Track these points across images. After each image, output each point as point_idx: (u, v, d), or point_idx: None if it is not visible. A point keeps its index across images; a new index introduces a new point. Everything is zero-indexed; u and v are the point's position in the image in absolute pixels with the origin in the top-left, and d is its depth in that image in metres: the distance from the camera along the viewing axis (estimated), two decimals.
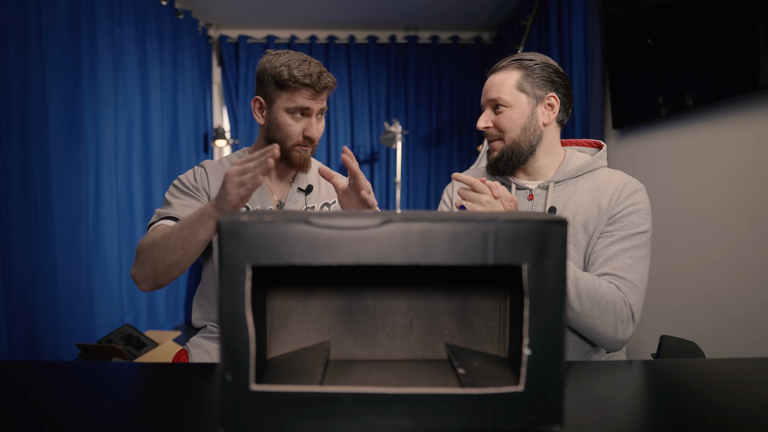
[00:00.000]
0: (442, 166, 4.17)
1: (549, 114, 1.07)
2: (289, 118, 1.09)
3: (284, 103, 1.08)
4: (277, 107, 1.10)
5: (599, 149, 1.15)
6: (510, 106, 1.05)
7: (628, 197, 1.00)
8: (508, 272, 0.62)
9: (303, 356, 0.61)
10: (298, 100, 1.07)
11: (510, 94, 1.05)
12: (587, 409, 0.58)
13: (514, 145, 1.06)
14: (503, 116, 1.06)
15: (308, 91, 1.07)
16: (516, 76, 1.05)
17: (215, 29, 4.02)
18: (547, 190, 1.07)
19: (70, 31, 2.36)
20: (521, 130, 1.05)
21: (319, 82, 1.06)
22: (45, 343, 2.23)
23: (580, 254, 1.01)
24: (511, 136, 1.06)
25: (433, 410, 0.47)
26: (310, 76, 1.05)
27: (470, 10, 3.69)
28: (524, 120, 1.05)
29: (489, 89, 1.08)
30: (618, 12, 2.30)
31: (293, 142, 1.11)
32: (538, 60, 1.06)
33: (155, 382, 0.71)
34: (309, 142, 1.12)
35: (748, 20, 1.59)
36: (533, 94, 1.05)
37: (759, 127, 1.65)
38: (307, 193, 1.22)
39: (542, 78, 1.05)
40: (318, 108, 1.10)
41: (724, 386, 0.66)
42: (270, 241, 0.45)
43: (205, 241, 0.94)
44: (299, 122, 1.10)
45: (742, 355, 1.69)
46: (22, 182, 2.12)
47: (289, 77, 1.05)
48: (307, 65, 1.06)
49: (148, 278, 0.99)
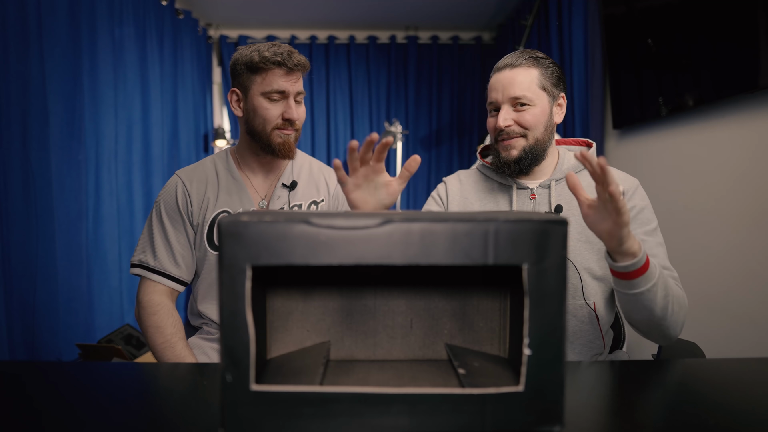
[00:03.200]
0: (442, 166, 4.17)
1: (560, 114, 1.06)
2: (265, 101, 1.09)
3: (259, 87, 1.09)
4: (252, 94, 1.10)
5: (587, 147, 1.15)
6: (534, 104, 1.02)
7: (632, 198, 1.01)
8: (508, 272, 0.62)
9: (303, 356, 0.61)
10: (273, 82, 1.07)
11: (534, 92, 1.02)
12: (587, 409, 0.58)
13: (536, 143, 1.04)
14: (528, 113, 1.02)
15: (281, 70, 1.07)
16: (536, 74, 1.02)
17: (215, 29, 4.02)
18: (548, 189, 1.07)
19: (70, 31, 2.35)
20: (544, 128, 1.03)
21: (290, 59, 1.07)
22: (45, 343, 2.22)
23: (592, 251, 1.01)
24: (534, 135, 1.03)
25: (433, 410, 0.47)
26: (281, 54, 1.07)
27: (470, 10, 3.68)
28: (546, 119, 1.03)
29: (510, 86, 1.03)
30: (618, 12, 2.30)
31: (272, 126, 1.10)
32: (547, 58, 1.05)
33: (155, 382, 0.71)
34: (289, 124, 1.11)
35: (748, 20, 1.59)
36: (551, 92, 1.04)
37: (759, 127, 1.65)
38: (291, 189, 1.21)
39: (555, 76, 1.04)
40: (294, 90, 1.10)
41: (724, 386, 0.66)
42: (270, 241, 0.45)
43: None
44: (276, 105, 1.10)
45: (742, 355, 1.69)
46: (22, 182, 2.12)
47: (260, 59, 1.07)
48: (277, 47, 1.08)
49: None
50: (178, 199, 1.15)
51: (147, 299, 1.13)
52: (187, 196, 1.15)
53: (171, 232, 1.15)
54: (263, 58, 1.06)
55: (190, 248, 1.17)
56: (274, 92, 1.08)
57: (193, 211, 1.15)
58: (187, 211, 1.16)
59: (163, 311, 1.11)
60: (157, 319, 1.10)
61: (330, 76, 4.03)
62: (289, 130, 1.12)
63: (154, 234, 1.16)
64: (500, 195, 1.11)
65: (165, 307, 1.12)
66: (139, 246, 1.17)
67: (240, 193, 1.17)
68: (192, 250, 1.17)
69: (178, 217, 1.15)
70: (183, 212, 1.15)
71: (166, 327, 1.09)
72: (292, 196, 1.21)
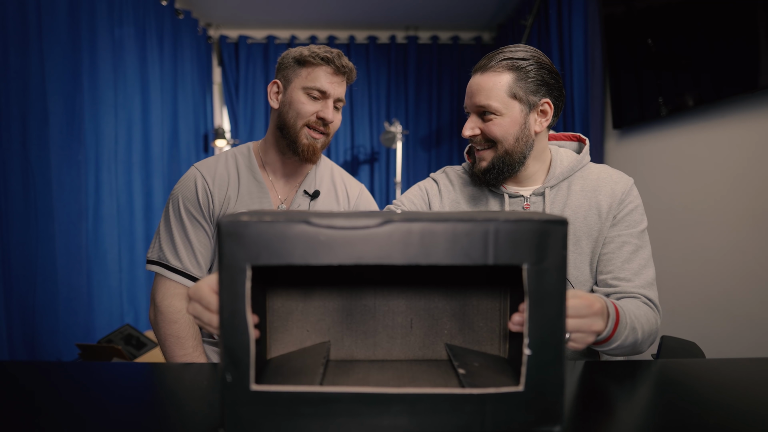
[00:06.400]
0: (442, 166, 4.15)
1: (542, 122, 0.96)
2: (303, 96, 1.07)
3: (302, 81, 1.07)
4: (294, 86, 1.08)
5: (578, 142, 1.09)
6: (501, 114, 0.93)
7: (626, 197, 0.97)
8: (508, 272, 0.62)
9: (303, 356, 0.61)
10: (317, 79, 1.06)
11: (501, 102, 0.93)
12: (587, 409, 0.58)
13: (506, 155, 0.95)
14: (493, 124, 0.94)
15: (328, 68, 1.06)
16: (507, 80, 0.92)
17: (215, 29, 4.02)
18: (542, 196, 1.00)
19: (70, 31, 2.35)
20: (514, 139, 0.94)
21: (339, 59, 1.06)
22: (45, 343, 2.22)
23: (584, 261, 0.97)
24: (503, 146, 0.95)
25: (433, 410, 0.47)
26: (331, 53, 1.07)
27: (470, 10, 3.68)
28: (516, 129, 0.94)
29: (476, 93, 0.95)
30: (618, 12, 2.30)
31: (304, 121, 1.07)
32: (531, 59, 0.93)
33: (155, 382, 0.71)
34: (322, 125, 1.08)
35: (748, 20, 1.59)
36: (526, 100, 0.93)
37: (759, 127, 1.65)
38: (312, 198, 1.16)
39: (536, 81, 0.93)
40: (335, 93, 1.08)
41: (724, 386, 0.66)
42: (270, 241, 0.45)
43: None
44: (314, 103, 1.07)
45: (742, 355, 1.69)
46: (22, 182, 2.12)
47: (310, 53, 1.07)
48: (329, 48, 1.08)
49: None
50: (198, 195, 1.09)
51: (166, 304, 1.05)
52: (208, 193, 1.09)
53: (191, 230, 1.08)
54: (313, 53, 1.06)
55: (209, 247, 1.10)
56: (315, 89, 1.06)
57: (214, 210, 1.09)
58: (208, 209, 1.09)
59: (183, 320, 1.05)
60: (178, 328, 1.04)
61: None
62: (319, 133, 1.09)
63: (173, 231, 1.08)
64: (491, 203, 1.04)
65: (186, 315, 1.05)
66: (156, 242, 1.10)
67: (261, 195, 1.12)
68: (212, 250, 1.11)
69: (198, 213, 1.09)
70: (204, 209, 1.09)
71: (187, 339, 1.04)
72: (312, 206, 1.16)
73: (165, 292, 1.07)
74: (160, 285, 1.08)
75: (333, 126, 1.10)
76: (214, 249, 1.11)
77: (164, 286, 1.07)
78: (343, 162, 4.11)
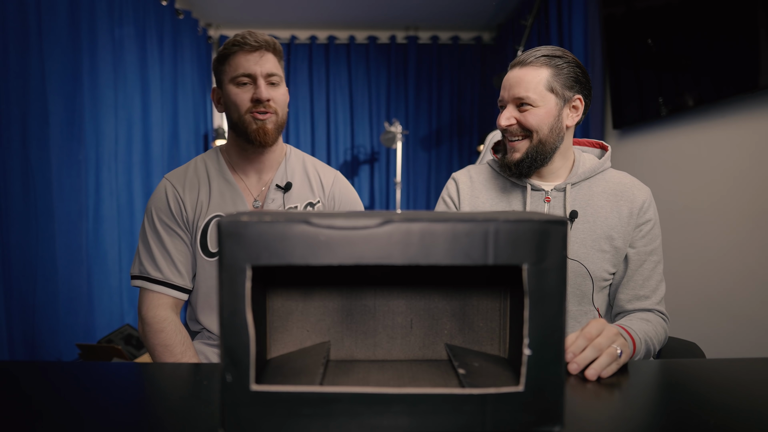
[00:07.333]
0: (442, 166, 4.17)
1: (573, 116, 1.02)
2: (234, 87, 1.08)
3: (228, 75, 1.08)
4: (225, 84, 1.09)
5: (600, 149, 1.14)
6: (538, 106, 0.99)
7: (648, 208, 1.03)
8: (508, 272, 0.62)
9: (303, 356, 0.61)
10: (238, 66, 1.06)
11: (539, 94, 0.99)
12: (587, 409, 0.58)
13: (539, 144, 1.01)
14: (530, 114, 0.99)
15: (242, 51, 1.06)
16: (545, 74, 0.99)
17: (215, 29, 4.02)
18: (563, 192, 1.04)
19: (70, 31, 2.35)
20: (548, 129, 1.00)
21: (249, 37, 1.05)
22: (45, 343, 2.22)
23: (606, 260, 1.02)
24: (538, 136, 1.00)
25: (433, 410, 0.47)
26: (240, 35, 1.06)
27: (470, 10, 3.68)
28: (551, 120, 1.00)
29: (515, 85, 1.00)
30: (618, 12, 2.30)
31: (244, 110, 1.07)
32: (567, 58, 1.01)
33: (155, 382, 0.71)
34: (260, 104, 1.07)
35: (748, 20, 1.59)
36: (562, 94, 1.00)
37: (759, 127, 1.65)
38: (285, 190, 1.16)
39: (570, 78, 1.00)
40: (262, 71, 1.06)
41: (724, 386, 0.66)
42: (270, 241, 0.45)
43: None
44: (246, 89, 1.07)
45: (742, 355, 1.69)
46: (22, 182, 2.12)
47: (224, 47, 1.08)
48: (239, 34, 1.07)
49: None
50: (170, 204, 1.11)
51: (151, 315, 1.06)
52: (180, 202, 1.11)
53: (167, 240, 1.10)
54: (226, 46, 1.07)
55: (188, 254, 1.12)
56: (240, 76, 1.06)
57: (188, 217, 1.11)
58: (182, 216, 1.11)
59: (169, 328, 1.05)
60: (165, 337, 1.04)
61: (330, 76, 4.03)
62: (263, 113, 1.07)
63: (150, 244, 1.10)
64: (513, 195, 1.08)
65: (171, 323, 1.06)
66: (137, 257, 1.12)
67: (233, 195, 1.13)
68: (191, 256, 1.13)
69: (173, 222, 1.11)
70: (177, 217, 1.11)
71: (175, 346, 1.03)
72: (286, 198, 1.16)
73: (149, 304, 1.08)
74: (144, 298, 1.10)
75: (277, 102, 1.09)
76: (194, 255, 1.12)
77: (148, 298, 1.09)
78: (343, 162, 4.11)
